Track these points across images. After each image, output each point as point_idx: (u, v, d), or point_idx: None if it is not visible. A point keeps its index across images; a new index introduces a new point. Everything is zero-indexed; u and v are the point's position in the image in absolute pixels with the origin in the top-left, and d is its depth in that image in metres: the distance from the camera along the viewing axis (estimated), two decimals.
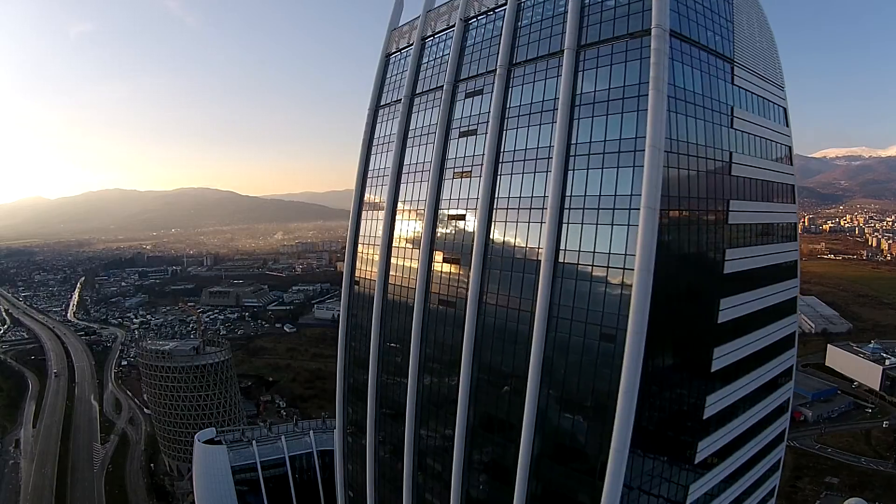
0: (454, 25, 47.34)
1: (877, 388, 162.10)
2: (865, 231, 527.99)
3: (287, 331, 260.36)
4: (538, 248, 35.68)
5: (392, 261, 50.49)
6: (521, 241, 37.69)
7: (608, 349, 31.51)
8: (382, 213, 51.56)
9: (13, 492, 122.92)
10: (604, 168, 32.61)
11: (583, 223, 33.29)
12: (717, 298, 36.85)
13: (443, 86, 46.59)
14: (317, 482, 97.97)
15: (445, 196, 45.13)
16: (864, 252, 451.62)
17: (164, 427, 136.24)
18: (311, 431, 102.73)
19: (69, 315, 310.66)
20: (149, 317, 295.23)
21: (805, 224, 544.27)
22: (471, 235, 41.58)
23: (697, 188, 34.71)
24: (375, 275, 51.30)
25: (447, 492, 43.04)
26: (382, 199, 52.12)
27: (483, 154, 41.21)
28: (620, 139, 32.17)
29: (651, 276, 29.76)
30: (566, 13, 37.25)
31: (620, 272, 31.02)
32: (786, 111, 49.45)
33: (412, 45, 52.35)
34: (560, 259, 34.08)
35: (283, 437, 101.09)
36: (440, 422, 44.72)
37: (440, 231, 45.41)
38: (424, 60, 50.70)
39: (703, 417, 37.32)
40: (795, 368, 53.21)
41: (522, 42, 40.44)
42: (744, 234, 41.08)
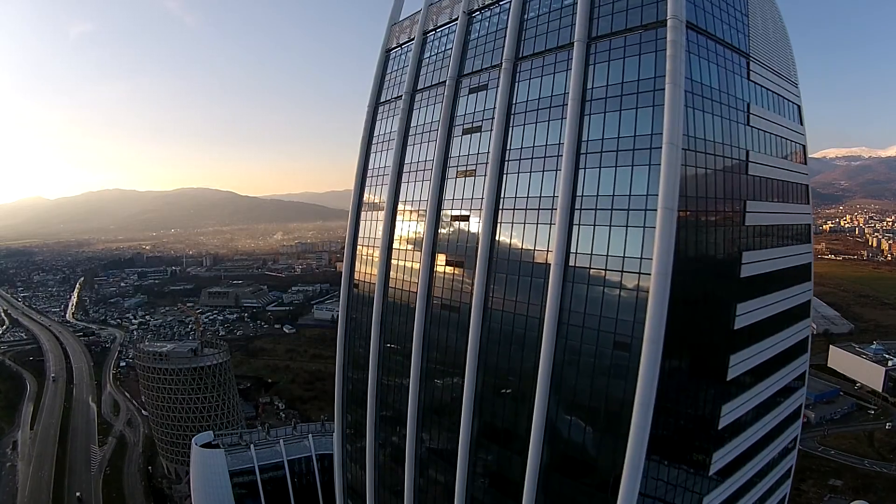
0: (457, 19, 45.72)
1: (879, 390, 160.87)
2: (865, 231, 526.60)
3: (286, 331, 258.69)
4: (547, 251, 33.97)
5: (392, 263, 48.75)
6: (529, 244, 35.94)
7: (622, 358, 29.81)
8: (382, 214, 49.86)
9: (10, 494, 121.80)
10: (617, 166, 30.88)
11: (595, 225, 31.55)
12: (734, 303, 35.39)
13: (445, 81, 44.95)
14: (316, 486, 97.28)
15: (448, 196, 43.49)
16: (865, 252, 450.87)
17: (162, 429, 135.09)
18: (310, 435, 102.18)
19: (68, 315, 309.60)
20: (148, 317, 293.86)
21: None
22: (475, 237, 39.90)
23: (715, 188, 33.04)
24: (375, 278, 49.57)
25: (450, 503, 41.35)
26: (382, 199, 50.42)
27: (488, 152, 39.57)
28: (635, 136, 30.47)
29: (668, 282, 28.08)
30: (576, 4, 35.64)
31: (636, 277, 29.31)
32: (800, 109, 48.23)
33: (413, 40, 50.69)
34: (571, 263, 32.38)
35: (282, 441, 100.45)
36: (443, 430, 43.03)
37: (443, 232, 43.74)
38: (426, 55, 49.03)
39: (718, 428, 35.81)
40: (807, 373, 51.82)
41: (529, 35, 38.76)
42: (760, 237, 39.61)
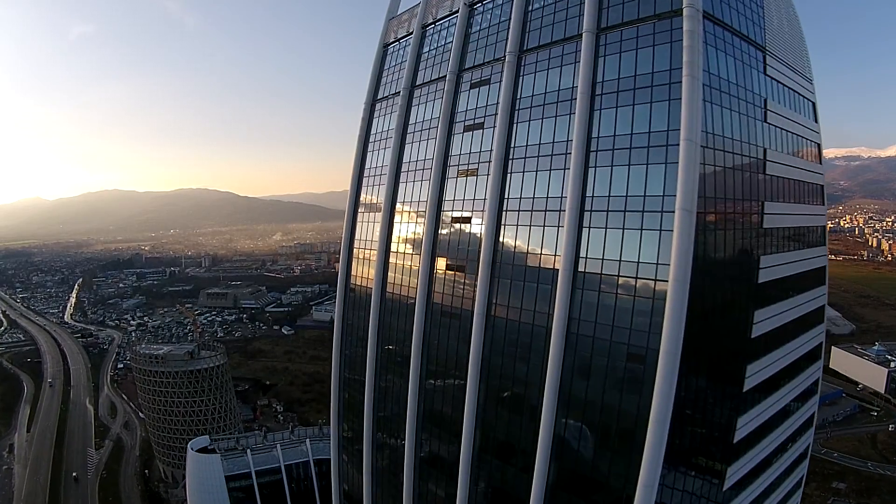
0: (457, 11, 43.78)
1: (882, 391, 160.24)
2: (865, 231, 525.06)
3: (285, 333, 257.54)
4: (554, 256, 31.89)
5: (390, 267, 46.65)
6: (535, 248, 33.85)
7: (636, 371, 27.79)
8: (380, 216, 47.79)
9: (6, 498, 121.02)
10: (630, 165, 28.80)
11: (606, 227, 29.43)
12: (752, 310, 33.51)
13: (445, 76, 42.92)
14: (313, 491, 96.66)
15: (449, 196, 41.49)
16: (865, 252, 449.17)
17: (159, 433, 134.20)
18: (308, 440, 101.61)
19: (66, 317, 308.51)
20: (146, 318, 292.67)
21: None
22: (477, 240, 37.82)
23: (733, 188, 31.08)
24: (372, 282, 47.51)
25: None
26: (379, 200, 48.33)
27: (491, 150, 37.51)
28: (650, 132, 28.39)
29: (687, 289, 26.07)
30: None
31: (651, 284, 27.24)
32: (814, 105, 46.45)
33: (412, 34, 48.71)
34: (580, 268, 30.26)
35: (279, 446, 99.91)
36: (443, 443, 41.01)
37: (443, 235, 41.69)
38: (425, 50, 47.03)
39: (734, 441, 33.99)
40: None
41: (534, 26, 36.74)
42: (777, 239, 37.72)
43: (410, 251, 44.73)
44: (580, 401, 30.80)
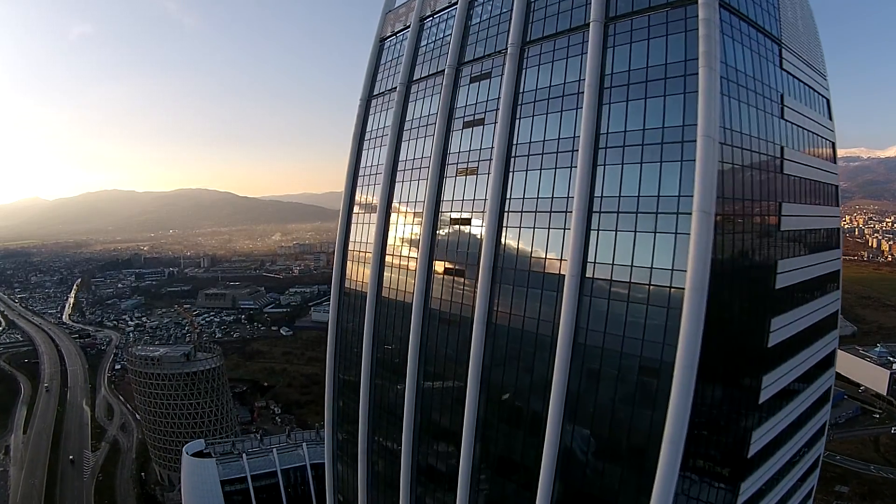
0: (457, 2, 41.81)
1: (884, 393, 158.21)
2: (865, 232, 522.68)
3: (283, 334, 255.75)
4: (560, 260, 29.90)
5: (386, 271, 44.62)
6: (540, 251, 31.79)
7: (649, 385, 25.83)
8: (375, 216, 45.80)
9: (1, 500, 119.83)
10: (643, 163, 26.78)
11: (617, 230, 27.43)
12: (769, 318, 31.56)
13: (444, 70, 40.92)
14: (310, 496, 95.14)
15: (447, 196, 39.46)
16: (865, 253, 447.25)
17: (155, 435, 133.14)
18: (304, 444, 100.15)
19: (64, 317, 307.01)
20: (144, 319, 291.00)
21: None
22: (477, 243, 35.79)
23: (752, 188, 29.16)
24: (367, 287, 45.41)
25: None
26: (375, 200, 46.33)
27: (492, 147, 35.50)
28: (663, 127, 26.38)
29: (705, 297, 24.10)
30: None
31: (666, 291, 25.23)
32: (829, 103, 44.46)
33: (409, 27, 46.71)
34: (588, 274, 28.28)
35: (276, 450, 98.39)
36: (441, 458, 38.99)
37: (441, 237, 39.65)
38: (423, 43, 45.03)
39: (748, 456, 32.11)
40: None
41: (538, 17, 34.74)
42: (794, 242, 35.79)
43: (407, 254, 42.68)
44: (587, 415, 28.81)
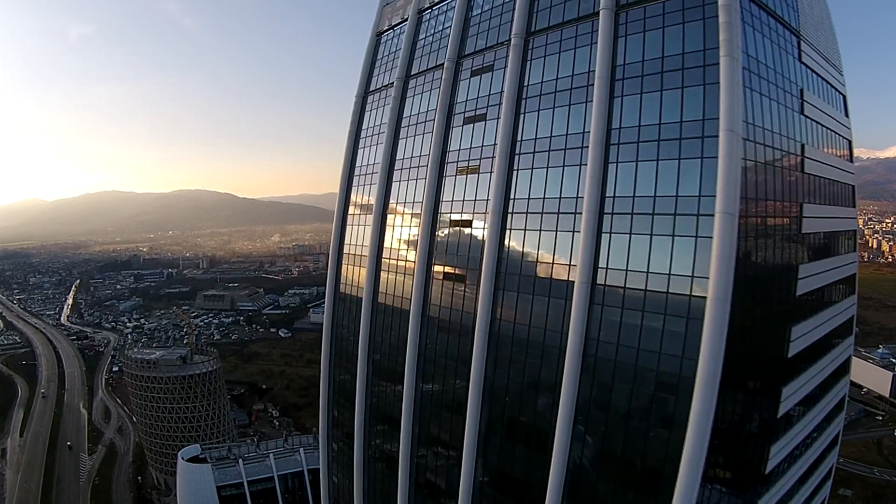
0: None
1: (887, 395, 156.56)
2: (865, 232, 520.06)
3: (282, 335, 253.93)
4: (569, 266, 27.83)
5: (382, 275, 42.55)
6: (546, 256, 29.74)
7: (666, 402, 23.79)
8: (371, 217, 43.71)
9: None
10: (659, 160, 24.64)
11: (631, 233, 25.33)
12: (789, 326, 29.68)
13: (443, 63, 38.89)
14: (307, 502, 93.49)
15: (447, 197, 37.44)
16: (865, 254, 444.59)
17: (151, 439, 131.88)
18: (301, 449, 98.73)
19: (63, 319, 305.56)
20: (143, 321, 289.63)
21: None
22: (479, 246, 33.75)
23: (774, 188, 27.16)
24: (362, 292, 43.35)
25: None
26: (371, 201, 44.27)
27: (494, 144, 33.48)
28: (682, 122, 24.28)
29: (728, 307, 22.04)
30: None
31: (685, 300, 23.13)
32: (846, 99, 42.48)
33: (407, 20, 44.65)
34: (599, 280, 26.22)
35: (272, 456, 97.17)
36: (440, 475, 36.86)
37: (441, 240, 37.59)
38: (421, 36, 43.01)
39: (766, 472, 30.22)
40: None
41: (543, 5, 32.69)
42: (815, 246, 33.79)
43: (405, 257, 40.60)
44: (598, 434, 26.72)
